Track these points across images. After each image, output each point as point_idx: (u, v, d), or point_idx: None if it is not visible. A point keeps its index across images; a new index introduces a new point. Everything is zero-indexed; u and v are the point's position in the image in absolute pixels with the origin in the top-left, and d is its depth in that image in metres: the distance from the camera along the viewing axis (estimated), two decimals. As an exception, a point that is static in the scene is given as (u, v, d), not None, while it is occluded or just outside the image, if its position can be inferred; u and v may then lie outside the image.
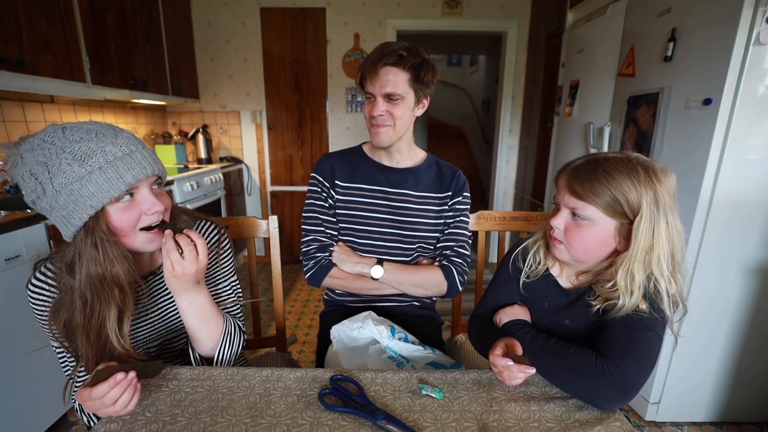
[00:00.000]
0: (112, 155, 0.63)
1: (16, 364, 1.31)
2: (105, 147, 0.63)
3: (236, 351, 0.82)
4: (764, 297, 1.44)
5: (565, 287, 0.80)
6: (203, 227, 0.86)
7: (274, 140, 3.34)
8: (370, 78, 0.94)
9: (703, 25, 1.35)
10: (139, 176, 0.65)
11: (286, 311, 2.56)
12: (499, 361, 0.69)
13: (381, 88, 0.94)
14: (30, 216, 1.37)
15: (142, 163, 0.66)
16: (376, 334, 0.89)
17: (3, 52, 1.50)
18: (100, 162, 0.62)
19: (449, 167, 1.10)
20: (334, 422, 0.60)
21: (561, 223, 0.71)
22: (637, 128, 1.66)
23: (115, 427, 0.60)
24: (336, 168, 1.06)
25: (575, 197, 0.68)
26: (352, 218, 1.05)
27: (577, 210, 0.69)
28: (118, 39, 2.19)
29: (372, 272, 1.01)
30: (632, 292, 0.67)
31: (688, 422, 1.60)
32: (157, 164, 0.70)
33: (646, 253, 0.65)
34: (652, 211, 0.64)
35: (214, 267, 0.86)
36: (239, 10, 3.08)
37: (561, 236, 0.72)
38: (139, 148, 0.68)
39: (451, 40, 4.93)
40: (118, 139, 0.66)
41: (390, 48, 0.93)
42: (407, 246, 1.05)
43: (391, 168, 1.06)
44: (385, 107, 0.95)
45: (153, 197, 0.68)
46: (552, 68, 2.66)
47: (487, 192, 4.50)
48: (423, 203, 1.05)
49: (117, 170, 0.63)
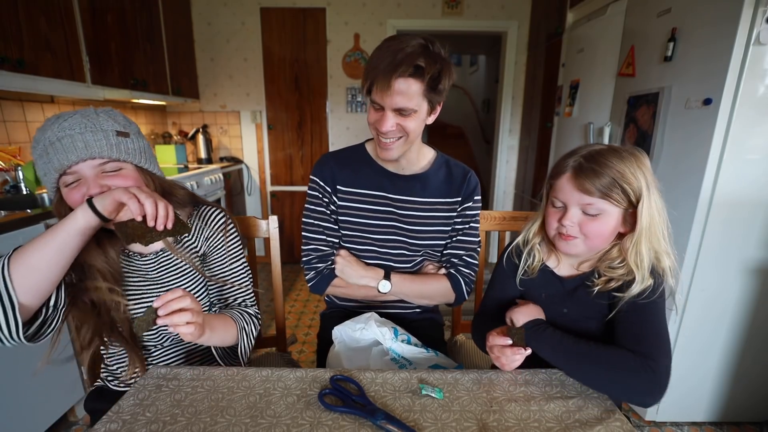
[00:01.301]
0: (48, 141, 0.65)
1: (16, 364, 1.31)
2: (46, 133, 0.66)
3: (253, 335, 0.85)
4: (764, 297, 1.44)
5: (562, 277, 0.82)
6: (208, 212, 0.87)
7: (274, 140, 3.34)
8: (380, 88, 0.81)
9: (703, 25, 1.35)
10: (64, 161, 0.65)
11: (286, 311, 2.56)
12: (497, 340, 0.72)
13: (392, 102, 0.82)
14: (30, 216, 1.37)
15: (69, 147, 0.65)
16: (378, 336, 0.88)
17: (3, 52, 1.50)
18: (40, 149, 0.66)
19: (460, 168, 1.02)
20: (334, 422, 0.60)
21: (573, 221, 0.73)
22: (637, 128, 1.66)
23: (115, 427, 0.60)
24: (337, 172, 0.98)
25: (588, 195, 0.70)
26: (355, 225, 0.99)
27: (589, 206, 0.71)
28: (118, 39, 2.19)
29: (379, 287, 0.96)
30: (644, 270, 0.71)
31: (688, 422, 1.60)
32: (99, 149, 0.67)
33: (649, 231, 0.71)
34: (648, 192, 0.70)
35: (225, 252, 0.87)
36: (239, 10, 3.08)
37: (576, 232, 0.74)
38: (78, 132, 0.66)
39: (451, 40, 4.91)
40: (61, 124, 0.66)
41: (405, 54, 0.78)
42: (412, 253, 1.01)
43: (397, 174, 0.99)
44: (395, 121, 0.85)
45: (93, 179, 0.67)
46: (552, 68, 2.66)
47: (487, 192, 4.50)
48: (430, 209, 0.98)
49: (48, 156, 0.66)
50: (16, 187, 1.80)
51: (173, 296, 0.63)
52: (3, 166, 1.79)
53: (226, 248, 0.87)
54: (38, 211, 1.42)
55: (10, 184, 1.81)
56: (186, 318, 0.63)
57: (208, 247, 0.86)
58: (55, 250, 0.61)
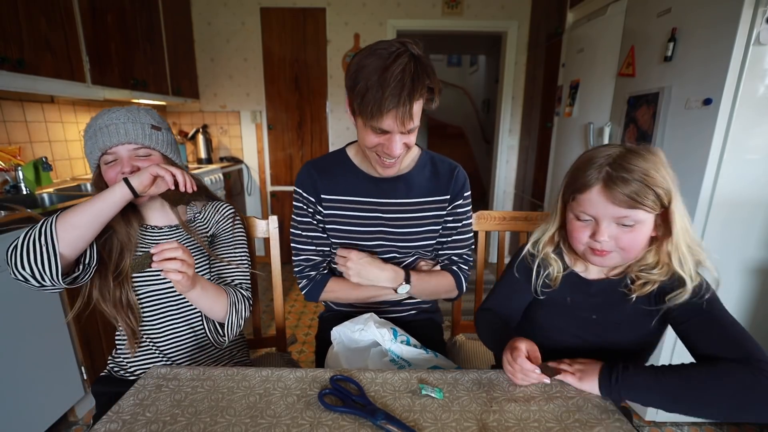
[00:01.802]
0: (97, 126, 0.83)
1: (16, 364, 1.31)
2: (97, 121, 0.83)
3: (243, 315, 0.90)
4: (764, 297, 1.44)
5: (591, 281, 0.79)
6: (221, 205, 1.00)
7: (274, 140, 3.34)
8: (391, 116, 0.76)
9: (703, 25, 1.35)
10: (107, 143, 0.82)
11: (286, 311, 2.56)
12: (526, 364, 0.66)
13: (406, 126, 0.78)
14: (30, 216, 1.37)
15: (119, 132, 0.82)
16: (378, 337, 0.87)
17: (3, 52, 1.50)
18: (90, 132, 0.84)
19: (446, 164, 0.99)
20: (334, 422, 0.60)
21: (608, 236, 0.69)
22: (637, 128, 1.66)
23: (115, 427, 0.60)
24: (318, 180, 0.96)
25: (624, 207, 0.66)
26: (342, 232, 0.97)
27: (625, 218, 0.67)
28: (118, 39, 2.19)
29: (399, 289, 0.95)
30: (689, 270, 0.69)
31: (688, 422, 1.60)
32: (136, 136, 0.83)
33: (683, 230, 0.68)
34: (676, 191, 0.67)
35: (231, 237, 0.97)
36: (239, 10, 3.08)
37: (612, 247, 0.70)
38: (121, 121, 0.83)
39: (451, 40, 4.93)
40: (109, 114, 0.83)
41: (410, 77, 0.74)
42: (403, 256, 1.00)
43: (380, 177, 0.95)
44: (402, 142, 0.81)
45: (127, 160, 0.84)
46: (552, 68, 2.66)
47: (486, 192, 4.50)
48: (418, 210, 0.96)
49: (95, 138, 0.83)
50: (16, 187, 1.80)
51: (168, 246, 0.71)
52: (3, 166, 1.79)
53: (232, 234, 0.97)
54: (38, 211, 1.42)
55: (10, 184, 1.81)
56: (176, 266, 0.71)
57: (217, 230, 0.98)
58: (93, 215, 0.75)
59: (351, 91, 0.80)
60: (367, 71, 0.75)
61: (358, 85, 0.76)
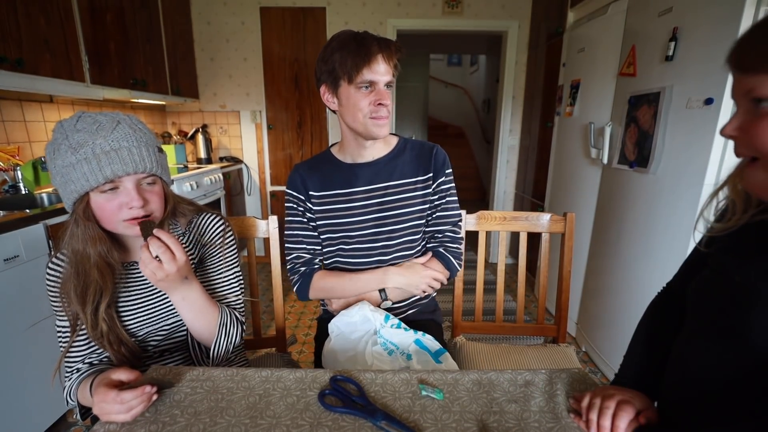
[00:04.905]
0: (100, 149, 0.68)
1: (16, 364, 1.30)
2: (96, 140, 0.68)
3: (234, 341, 0.84)
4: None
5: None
6: (208, 219, 0.89)
7: (274, 140, 3.34)
8: (370, 65, 0.85)
9: (705, 25, 1.34)
10: (118, 172, 0.69)
11: (286, 312, 2.56)
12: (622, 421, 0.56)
13: (385, 74, 0.87)
14: (29, 216, 1.36)
15: (126, 159, 0.69)
16: (371, 317, 0.91)
17: (2, 52, 1.50)
18: (88, 154, 0.67)
19: (424, 145, 1.03)
20: (334, 423, 0.60)
21: (736, 126, 0.48)
22: (638, 128, 1.66)
23: (114, 428, 0.59)
24: (307, 179, 1.00)
25: (751, 72, 0.45)
26: (336, 226, 1.00)
27: (757, 91, 0.44)
28: (118, 38, 2.19)
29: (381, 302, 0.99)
30: None
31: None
32: (149, 163, 0.72)
33: None
34: None
35: (219, 257, 0.88)
36: (239, 10, 3.08)
37: (747, 145, 0.47)
38: (132, 144, 0.70)
39: (451, 40, 4.93)
40: (113, 134, 0.70)
41: (373, 37, 0.87)
42: (395, 240, 1.01)
43: (363, 164, 0.99)
44: (388, 92, 0.90)
45: (135, 193, 0.71)
46: (552, 68, 2.66)
47: (487, 192, 4.50)
48: (404, 191, 0.99)
49: (99, 163, 0.68)
50: (15, 187, 1.80)
51: (171, 238, 0.69)
52: (2, 166, 1.78)
53: (222, 255, 0.88)
54: (37, 211, 1.42)
55: (9, 184, 1.81)
56: (168, 256, 0.68)
57: (205, 253, 0.88)
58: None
59: (327, 63, 0.88)
60: (339, 41, 0.86)
61: (336, 53, 0.86)
